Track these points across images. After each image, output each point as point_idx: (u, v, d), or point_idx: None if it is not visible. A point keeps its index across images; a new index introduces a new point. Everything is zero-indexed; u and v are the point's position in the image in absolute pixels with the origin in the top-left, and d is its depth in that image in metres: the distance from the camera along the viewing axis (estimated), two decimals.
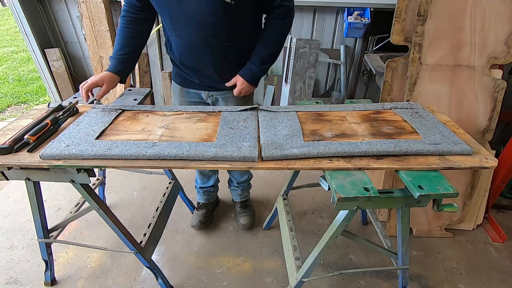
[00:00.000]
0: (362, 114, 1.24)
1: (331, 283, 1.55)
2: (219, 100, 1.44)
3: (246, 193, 1.92)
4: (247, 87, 1.34)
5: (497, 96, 1.56)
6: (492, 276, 1.60)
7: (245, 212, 1.88)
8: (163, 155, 0.94)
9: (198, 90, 1.43)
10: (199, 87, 1.41)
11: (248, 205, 1.93)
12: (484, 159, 0.97)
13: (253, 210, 1.94)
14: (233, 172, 1.80)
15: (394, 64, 1.62)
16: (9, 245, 1.74)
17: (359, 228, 1.89)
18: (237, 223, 1.87)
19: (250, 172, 1.85)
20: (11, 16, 8.70)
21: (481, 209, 1.81)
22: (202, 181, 1.81)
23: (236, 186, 1.86)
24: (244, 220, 1.83)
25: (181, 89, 1.46)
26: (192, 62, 1.31)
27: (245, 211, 1.88)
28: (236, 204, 1.93)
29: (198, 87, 1.42)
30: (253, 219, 1.88)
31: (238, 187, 1.86)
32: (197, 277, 1.58)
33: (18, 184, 2.20)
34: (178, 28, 1.21)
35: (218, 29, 1.18)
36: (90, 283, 1.54)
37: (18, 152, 0.97)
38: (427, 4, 1.47)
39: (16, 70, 4.92)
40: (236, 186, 1.86)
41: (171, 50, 1.34)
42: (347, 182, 0.89)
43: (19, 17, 2.55)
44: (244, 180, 1.83)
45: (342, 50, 2.64)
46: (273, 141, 1.02)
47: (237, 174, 1.79)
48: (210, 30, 1.18)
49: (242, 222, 1.83)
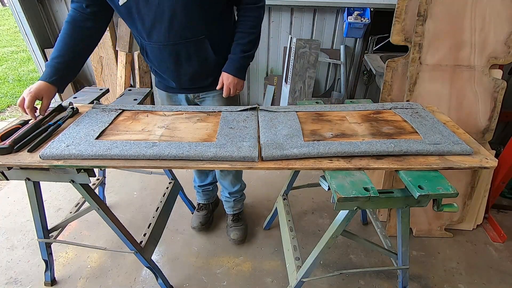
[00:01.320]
0: (362, 114, 1.24)
1: (331, 283, 1.55)
2: (206, 99, 1.41)
3: (239, 205, 1.81)
4: (233, 80, 1.27)
5: (497, 96, 1.56)
6: (492, 276, 1.60)
7: (236, 226, 1.77)
8: (163, 155, 0.94)
9: (183, 94, 1.39)
10: (184, 91, 1.38)
11: (241, 218, 1.82)
12: (484, 159, 0.96)
13: (245, 224, 1.83)
14: (224, 182, 1.68)
15: (394, 64, 1.62)
16: (9, 245, 1.74)
17: (359, 228, 1.89)
18: (228, 237, 1.77)
19: (243, 182, 1.75)
20: (11, 16, 8.70)
21: (481, 209, 1.81)
22: (200, 179, 1.79)
23: (228, 197, 1.74)
24: (235, 235, 1.73)
25: (168, 95, 1.43)
26: (171, 64, 1.25)
27: (236, 225, 1.77)
28: (228, 216, 1.83)
29: (183, 91, 1.38)
30: (245, 233, 1.78)
31: (230, 198, 1.75)
32: (197, 277, 1.58)
33: (18, 184, 2.20)
34: (151, 29, 1.14)
35: (191, 21, 1.13)
36: (90, 283, 1.54)
37: (18, 152, 0.97)
38: (427, 4, 1.47)
39: (16, 70, 4.92)
40: (228, 197, 1.74)
41: (148, 57, 1.28)
42: (347, 182, 0.89)
43: (19, 17, 2.55)
44: (236, 191, 1.71)
45: (342, 50, 2.65)
46: (273, 141, 1.02)
47: (228, 183, 1.67)
48: (183, 23, 1.12)
49: (233, 237, 1.73)
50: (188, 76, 1.30)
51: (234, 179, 1.67)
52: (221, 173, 1.64)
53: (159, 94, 1.48)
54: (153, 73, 1.40)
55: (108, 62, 2.79)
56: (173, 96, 1.42)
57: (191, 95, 1.40)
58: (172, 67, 1.26)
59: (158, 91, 1.47)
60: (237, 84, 1.29)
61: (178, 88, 1.36)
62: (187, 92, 1.39)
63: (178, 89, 1.37)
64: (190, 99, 1.42)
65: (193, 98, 1.41)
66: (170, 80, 1.33)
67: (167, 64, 1.25)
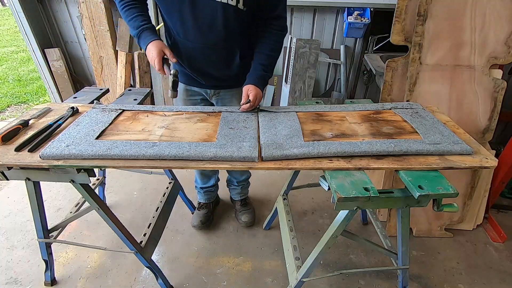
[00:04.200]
0: (362, 114, 1.24)
1: (331, 283, 1.55)
2: (225, 97, 1.45)
3: (246, 191, 1.95)
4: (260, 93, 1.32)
5: (497, 96, 1.56)
6: (492, 276, 1.60)
7: (245, 209, 1.91)
8: (163, 155, 0.94)
9: (203, 88, 1.44)
10: (205, 86, 1.42)
11: (248, 202, 1.97)
12: (484, 159, 0.97)
13: (253, 207, 1.97)
14: (233, 172, 1.82)
15: (394, 64, 1.62)
16: (9, 245, 1.74)
17: (359, 228, 1.89)
18: (238, 221, 1.90)
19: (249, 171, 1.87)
20: (11, 16, 8.70)
21: (481, 209, 1.81)
22: (203, 181, 1.82)
23: (236, 185, 1.88)
24: (246, 218, 1.86)
25: (185, 88, 1.46)
26: (200, 64, 1.32)
27: (245, 208, 1.91)
28: (236, 202, 1.96)
29: (204, 86, 1.43)
30: (254, 216, 1.92)
31: (238, 186, 1.89)
32: (197, 277, 1.58)
33: (18, 184, 2.20)
34: (189, 31, 1.21)
35: (230, 34, 1.22)
36: (90, 283, 1.54)
37: (18, 152, 0.97)
38: (427, 4, 1.47)
39: (16, 70, 4.92)
40: (236, 185, 1.89)
41: (177, 52, 1.32)
42: (347, 182, 0.89)
43: (19, 17, 2.55)
44: (244, 179, 1.87)
45: (342, 50, 2.64)
46: (273, 141, 1.02)
47: (237, 173, 1.81)
48: (222, 34, 1.21)
49: (244, 220, 1.86)
50: (212, 77, 1.37)
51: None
52: None
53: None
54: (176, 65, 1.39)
55: (108, 62, 2.78)
56: (190, 89, 1.46)
57: (211, 91, 1.44)
58: (200, 67, 1.34)
59: None
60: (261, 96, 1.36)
61: (201, 83, 1.40)
62: (208, 88, 1.43)
63: (201, 84, 1.41)
64: (209, 95, 1.46)
65: (213, 95, 1.45)
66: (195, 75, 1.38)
67: (197, 62, 1.32)
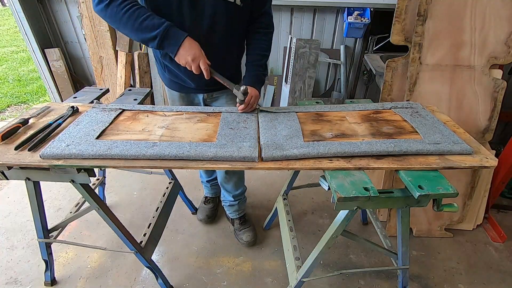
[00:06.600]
0: (362, 114, 1.24)
1: (331, 283, 1.55)
2: (220, 99, 1.44)
3: (243, 206, 1.83)
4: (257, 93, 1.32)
5: (497, 96, 1.56)
6: (492, 276, 1.60)
7: (245, 227, 1.78)
8: (163, 155, 0.94)
9: (197, 93, 1.42)
10: (199, 91, 1.40)
11: (247, 219, 1.83)
12: (484, 159, 0.96)
13: (252, 224, 1.84)
14: (228, 185, 1.69)
15: (394, 64, 1.62)
16: (9, 245, 1.74)
17: (359, 228, 1.89)
18: (239, 241, 1.77)
19: (244, 184, 1.78)
20: (11, 16, 8.70)
21: (481, 209, 1.81)
22: (207, 174, 1.83)
23: (232, 200, 1.75)
24: (248, 237, 1.74)
25: (180, 95, 1.44)
26: None
27: (245, 226, 1.79)
28: (234, 221, 1.82)
29: (197, 91, 1.40)
30: (255, 233, 1.79)
31: (234, 202, 1.76)
32: (197, 277, 1.58)
33: (18, 184, 2.20)
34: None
35: (229, 32, 1.23)
36: (90, 283, 1.53)
37: (19, 151, 0.97)
38: (427, 4, 1.47)
39: (16, 70, 4.92)
40: (232, 201, 1.76)
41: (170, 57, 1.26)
42: (347, 182, 0.89)
43: (19, 17, 2.55)
44: (240, 193, 1.75)
45: (342, 50, 2.65)
46: (273, 142, 1.02)
47: (232, 186, 1.69)
48: (222, 33, 1.22)
49: (246, 239, 1.73)
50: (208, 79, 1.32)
51: (239, 180, 1.69)
52: (226, 176, 1.64)
53: (170, 94, 1.48)
54: (167, 73, 1.37)
55: (108, 62, 2.78)
56: (186, 96, 1.44)
57: (205, 94, 1.43)
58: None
59: (170, 91, 1.46)
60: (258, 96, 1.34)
61: (195, 87, 1.38)
62: (203, 92, 1.42)
63: (195, 89, 1.39)
64: (204, 99, 1.45)
65: (207, 98, 1.44)
66: (188, 80, 1.35)
67: None
